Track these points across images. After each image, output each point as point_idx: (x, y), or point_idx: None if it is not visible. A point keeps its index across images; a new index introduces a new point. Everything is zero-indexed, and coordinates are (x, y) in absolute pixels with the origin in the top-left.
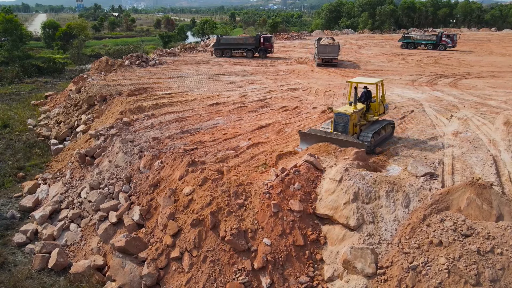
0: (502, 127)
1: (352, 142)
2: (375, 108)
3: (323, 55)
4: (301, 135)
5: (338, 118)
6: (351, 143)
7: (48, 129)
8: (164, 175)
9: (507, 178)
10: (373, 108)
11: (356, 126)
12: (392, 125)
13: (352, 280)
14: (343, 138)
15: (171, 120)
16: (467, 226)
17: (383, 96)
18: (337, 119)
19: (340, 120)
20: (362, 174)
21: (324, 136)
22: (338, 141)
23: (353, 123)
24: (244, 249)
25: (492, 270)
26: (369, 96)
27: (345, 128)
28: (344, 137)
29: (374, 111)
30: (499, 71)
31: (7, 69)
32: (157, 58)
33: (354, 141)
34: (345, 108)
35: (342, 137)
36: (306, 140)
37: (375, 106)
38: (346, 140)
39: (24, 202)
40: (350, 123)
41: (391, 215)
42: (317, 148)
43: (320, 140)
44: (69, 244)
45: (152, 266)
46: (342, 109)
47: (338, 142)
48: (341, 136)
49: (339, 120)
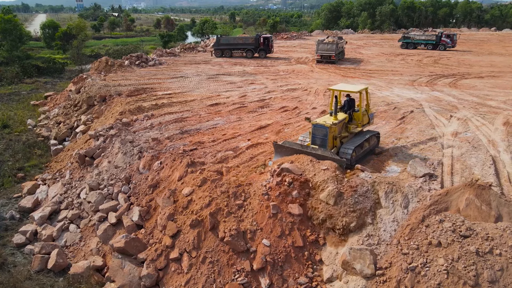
0: (502, 128)
1: (330, 158)
2: (358, 118)
3: (321, 52)
4: (275, 147)
5: (316, 130)
6: (329, 159)
7: (48, 130)
8: (164, 175)
9: (506, 179)
10: (357, 118)
11: (336, 138)
12: (377, 137)
13: (351, 281)
14: (320, 152)
15: (170, 120)
16: (466, 227)
17: (368, 105)
18: (315, 131)
19: (319, 132)
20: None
21: (300, 149)
22: (315, 155)
23: (333, 135)
24: (243, 250)
25: (491, 271)
26: (352, 105)
27: (324, 141)
28: (321, 151)
29: (357, 121)
30: (498, 71)
31: (7, 69)
32: (156, 58)
33: (332, 156)
34: (324, 119)
35: (319, 151)
36: (281, 153)
37: (358, 116)
38: (323, 155)
39: (24, 203)
40: (329, 135)
41: (390, 216)
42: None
43: (296, 153)
44: (68, 245)
45: (151, 267)
46: (321, 120)
47: (315, 156)
48: (318, 151)
49: (317, 132)
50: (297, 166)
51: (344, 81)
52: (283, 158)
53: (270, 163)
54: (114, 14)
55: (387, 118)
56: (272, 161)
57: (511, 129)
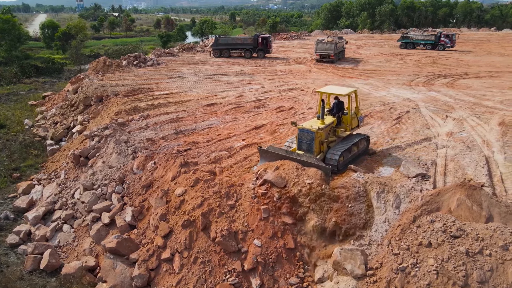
0: (497, 128)
1: (316, 165)
2: (347, 122)
3: (321, 52)
4: (260, 152)
5: (302, 135)
6: (314, 166)
7: (45, 130)
8: (157, 176)
9: (498, 179)
10: (345, 121)
11: (323, 143)
12: (367, 140)
13: (342, 282)
14: (306, 159)
15: (166, 120)
16: (457, 227)
17: (357, 107)
18: (301, 136)
19: (305, 137)
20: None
21: (285, 155)
22: (300, 161)
23: (320, 140)
24: (234, 250)
25: (481, 272)
26: (341, 108)
27: (310, 146)
28: (306, 158)
29: (346, 125)
30: (496, 71)
31: (6, 69)
32: (155, 59)
33: (317, 164)
34: (311, 123)
35: (305, 157)
36: (266, 159)
37: (347, 119)
38: (308, 162)
39: (18, 203)
40: (316, 140)
41: (381, 216)
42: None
43: (281, 159)
44: (62, 245)
45: (143, 267)
46: (307, 125)
47: (301, 163)
48: (303, 157)
49: (303, 137)
50: (281, 176)
51: (341, 81)
52: (267, 164)
53: (255, 168)
54: (114, 14)
55: (382, 118)
56: (257, 166)
57: (506, 129)
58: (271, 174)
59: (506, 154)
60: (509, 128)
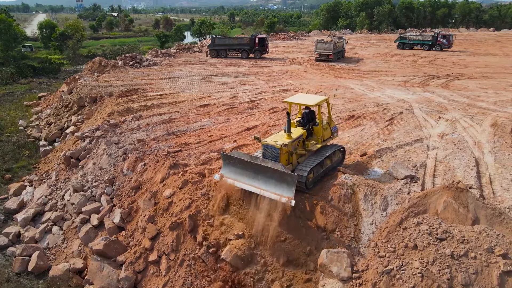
0: (489, 129)
1: (282, 171)
2: (318, 134)
3: (320, 51)
4: (224, 157)
5: (267, 151)
6: (280, 173)
7: (39, 130)
8: (146, 177)
9: (487, 181)
10: (316, 133)
11: (292, 154)
12: (342, 151)
13: (328, 284)
14: (271, 165)
15: (158, 121)
16: (443, 230)
17: (330, 117)
18: (266, 152)
19: (269, 153)
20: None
21: (249, 161)
22: (265, 168)
23: (287, 153)
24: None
25: (465, 274)
26: (311, 118)
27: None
28: (271, 164)
29: (317, 137)
30: (492, 71)
31: (2, 69)
32: (151, 59)
33: (283, 170)
34: (276, 138)
35: (270, 164)
36: (230, 165)
37: (318, 130)
38: (274, 168)
39: (9, 204)
40: (281, 157)
41: (368, 219)
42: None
43: (246, 166)
44: (51, 246)
45: (130, 270)
46: (271, 140)
47: (265, 170)
48: (268, 163)
49: (268, 153)
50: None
51: (337, 81)
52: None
53: (216, 176)
54: (114, 14)
55: (375, 120)
56: (219, 174)
57: (498, 130)
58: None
59: (496, 155)
60: (501, 130)
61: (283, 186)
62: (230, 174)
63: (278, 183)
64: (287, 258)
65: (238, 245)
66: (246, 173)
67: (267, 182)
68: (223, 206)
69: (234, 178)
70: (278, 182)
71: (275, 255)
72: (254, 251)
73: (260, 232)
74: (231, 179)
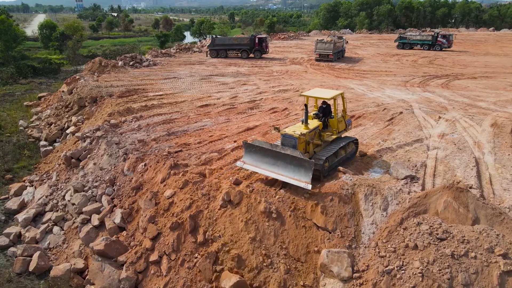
0: (489, 129)
1: (299, 158)
2: (333, 126)
3: (320, 51)
4: (245, 146)
5: (285, 141)
6: (298, 159)
7: (39, 131)
8: (147, 177)
9: (487, 181)
10: (332, 125)
11: (309, 144)
12: (355, 143)
13: (328, 284)
14: (289, 152)
15: (158, 122)
16: (443, 230)
17: (344, 110)
18: (284, 142)
19: (288, 142)
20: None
21: (269, 149)
22: (284, 155)
23: (305, 143)
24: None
25: (466, 274)
26: (328, 112)
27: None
28: (290, 151)
29: (332, 128)
30: (492, 71)
31: (2, 70)
32: (151, 59)
33: (301, 157)
34: (294, 129)
35: (289, 151)
36: (251, 153)
37: (333, 123)
38: (292, 155)
39: (10, 205)
40: (299, 146)
41: (369, 219)
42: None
43: (266, 153)
44: (51, 247)
45: (131, 270)
46: (290, 130)
47: (284, 156)
48: (287, 151)
49: (286, 142)
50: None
51: (337, 81)
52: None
53: (239, 163)
54: (113, 14)
55: (375, 120)
56: (242, 161)
57: (498, 130)
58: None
59: (496, 155)
60: (501, 129)
61: (301, 171)
62: (251, 161)
63: (296, 169)
64: (287, 258)
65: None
66: (266, 160)
67: (286, 168)
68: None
69: (255, 165)
70: (296, 168)
71: (275, 255)
72: (254, 251)
73: (260, 233)
74: (252, 166)
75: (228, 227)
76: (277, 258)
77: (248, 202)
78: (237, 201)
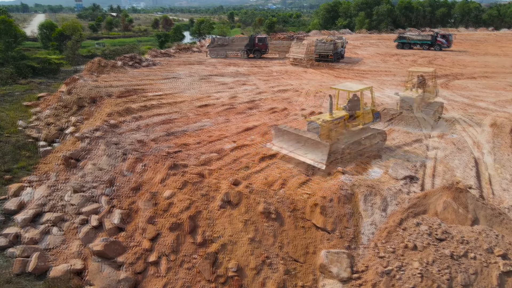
0: (488, 129)
1: (316, 141)
2: (359, 117)
3: (320, 51)
4: (275, 130)
5: (310, 127)
6: (316, 143)
7: (38, 131)
8: (146, 178)
9: (487, 181)
10: (359, 117)
11: (331, 131)
12: (383, 135)
13: (328, 285)
14: (309, 136)
15: (158, 122)
16: (442, 230)
17: (373, 103)
18: (310, 128)
19: (312, 128)
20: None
21: (294, 133)
22: (305, 138)
23: (327, 129)
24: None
25: (465, 275)
26: (355, 104)
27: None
28: (311, 135)
29: (359, 120)
30: (492, 71)
31: (1, 70)
32: (150, 59)
33: (317, 140)
34: (319, 117)
35: (309, 135)
36: (279, 136)
37: (359, 114)
38: (312, 138)
39: (8, 205)
40: (322, 132)
41: (368, 219)
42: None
43: (291, 137)
44: (50, 247)
45: (130, 271)
46: (315, 118)
47: (305, 140)
48: (307, 134)
49: (311, 128)
50: None
51: (336, 81)
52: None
53: (268, 145)
54: (113, 14)
55: None
56: (272, 143)
57: (497, 130)
58: None
59: (496, 156)
60: (501, 130)
61: (317, 153)
62: (279, 143)
63: (314, 151)
64: (286, 258)
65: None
66: (290, 143)
67: (306, 150)
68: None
69: (281, 146)
70: (314, 150)
71: (274, 255)
72: (253, 252)
73: (260, 235)
74: (279, 147)
75: (227, 228)
76: (276, 259)
77: (247, 202)
78: (236, 202)
